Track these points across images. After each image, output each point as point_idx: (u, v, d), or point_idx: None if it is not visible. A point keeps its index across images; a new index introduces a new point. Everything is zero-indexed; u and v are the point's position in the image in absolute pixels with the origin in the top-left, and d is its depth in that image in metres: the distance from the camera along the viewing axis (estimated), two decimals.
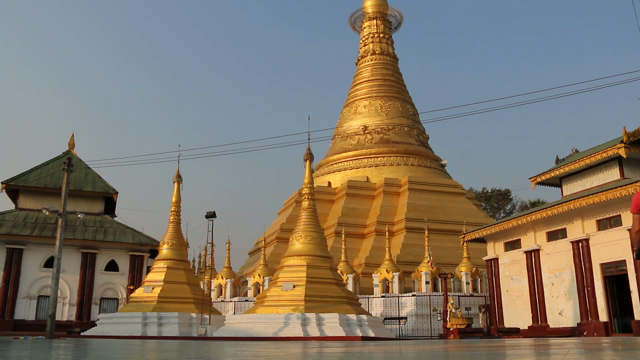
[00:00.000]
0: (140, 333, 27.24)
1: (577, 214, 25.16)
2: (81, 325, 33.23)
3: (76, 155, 38.94)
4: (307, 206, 27.30)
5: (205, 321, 27.89)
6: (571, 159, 27.88)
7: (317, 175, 50.25)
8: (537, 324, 26.89)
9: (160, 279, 30.04)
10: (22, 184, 36.88)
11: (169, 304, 28.99)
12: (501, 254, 29.91)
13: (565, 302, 25.82)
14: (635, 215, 7.14)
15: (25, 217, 36.16)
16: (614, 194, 22.60)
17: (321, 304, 24.62)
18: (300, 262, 25.95)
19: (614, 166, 25.83)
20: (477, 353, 8.66)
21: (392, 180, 46.78)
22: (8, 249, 34.32)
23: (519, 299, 28.35)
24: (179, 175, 32.02)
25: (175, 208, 31.98)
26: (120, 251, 36.62)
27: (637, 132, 24.21)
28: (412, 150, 50.65)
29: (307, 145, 27.33)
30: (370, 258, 40.43)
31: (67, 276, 34.15)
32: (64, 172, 26.45)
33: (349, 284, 33.46)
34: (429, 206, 44.20)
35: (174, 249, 31.17)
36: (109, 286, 36.08)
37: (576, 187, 27.70)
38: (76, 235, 35.40)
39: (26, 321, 33.50)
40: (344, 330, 23.04)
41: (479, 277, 35.19)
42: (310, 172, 27.69)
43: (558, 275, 26.27)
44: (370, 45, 55.83)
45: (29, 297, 34.16)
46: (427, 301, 32.45)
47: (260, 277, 36.83)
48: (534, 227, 27.58)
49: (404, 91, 54.75)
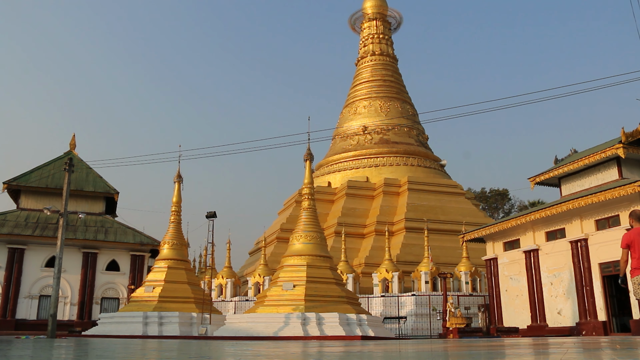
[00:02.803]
0: (141, 332, 27.33)
1: (576, 214, 25.27)
2: (82, 325, 33.33)
3: (77, 155, 39.04)
4: (307, 206, 27.40)
5: (206, 321, 27.98)
6: (570, 159, 27.98)
7: (317, 176, 50.36)
8: (536, 324, 26.99)
9: (161, 279, 30.13)
10: (24, 184, 36.98)
11: (169, 303, 29.08)
12: (500, 253, 30.01)
13: (564, 302, 25.93)
14: (624, 250, 8.65)
15: (26, 217, 36.27)
16: (613, 194, 22.71)
17: (321, 303, 24.72)
18: (301, 261, 26.04)
19: (612, 166, 25.93)
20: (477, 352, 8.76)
21: (391, 181, 46.88)
22: (10, 248, 34.42)
23: (518, 299, 28.45)
24: (179, 175, 32.11)
25: (176, 208, 32.07)
26: (121, 251, 36.72)
27: (635, 133, 24.32)
28: (411, 151, 50.75)
29: (307, 146, 27.44)
30: (370, 258, 40.53)
31: (68, 276, 34.24)
32: (65, 172, 26.54)
33: (348, 284, 33.55)
34: (428, 206, 44.31)
35: (175, 248, 31.26)
36: (110, 286, 36.19)
37: (575, 187, 27.80)
38: (77, 235, 35.51)
39: (27, 321, 33.60)
40: (343, 329, 23.14)
41: (478, 276, 35.29)
42: (310, 172, 27.78)
43: (557, 274, 26.38)
44: (370, 46, 55.93)
45: (31, 297, 34.27)
46: (426, 301, 32.55)
47: (261, 276, 36.93)
48: (533, 227, 27.69)
49: (404, 92, 54.85)
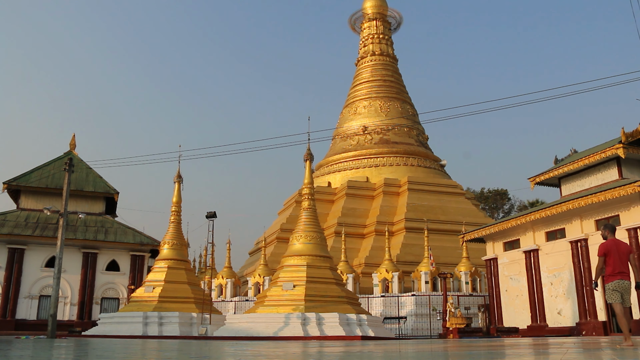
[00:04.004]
0: (141, 333, 27.33)
1: (576, 214, 25.27)
2: (82, 325, 33.33)
3: (77, 155, 39.04)
4: (307, 206, 27.39)
5: (206, 321, 27.98)
6: (570, 159, 27.98)
7: (317, 176, 50.36)
8: (536, 324, 26.99)
9: (161, 279, 30.13)
10: (24, 184, 36.98)
11: (169, 303, 29.08)
12: (500, 253, 30.01)
13: (564, 302, 25.92)
14: (600, 258, 9.82)
15: (26, 217, 36.27)
16: (613, 194, 22.70)
17: (321, 303, 24.72)
18: (301, 262, 26.04)
19: (612, 166, 25.92)
20: (477, 352, 8.76)
21: (391, 181, 46.87)
22: (10, 249, 34.43)
23: (518, 299, 28.45)
24: (179, 175, 32.10)
25: (176, 208, 32.07)
26: (121, 251, 36.73)
27: (635, 133, 24.30)
28: (411, 151, 50.75)
29: (307, 146, 27.44)
30: (370, 258, 40.52)
31: (68, 276, 34.25)
32: (65, 173, 26.53)
33: (348, 284, 33.54)
34: (428, 206, 44.30)
35: (175, 249, 31.26)
36: (110, 286, 36.19)
37: (575, 187, 27.80)
38: (77, 235, 35.51)
39: (27, 321, 33.60)
40: (343, 329, 23.14)
41: (478, 276, 35.28)
42: (310, 173, 27.78)
43: (557, 274, 26.37)
44: (370, 46, 55.92)
45: (31, 297, 34.27)
46: (426, 301, 32.55)
47: (261, 277, 36.93)
48: (533, 227, 27.68)
49: (404, 92, 54.84)
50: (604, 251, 9.74)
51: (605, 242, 9.86)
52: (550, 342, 14.08)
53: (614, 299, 9.55)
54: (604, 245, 9.79)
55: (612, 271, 9.62)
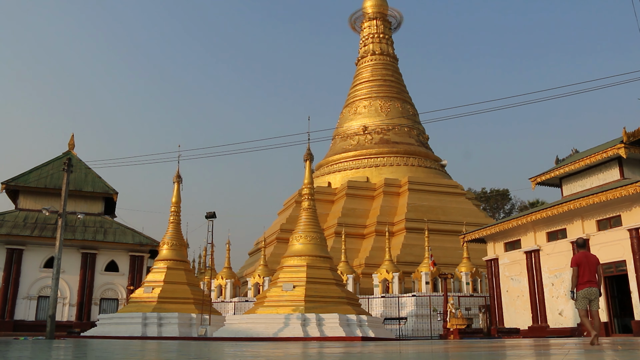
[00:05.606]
0: (140, 333, 27.22)
1: (577, 214, 25.16)
2: (81, 326, 33.21)
3: (76, 155, 38.94)
4: (307, 206, 27.29)
5: (205, 321, 27.88)
6: (571, 159, 27.87)
7: (317, 176, 50.27)
8: (537, 324, 26.88)
9: (160, 280, 30.02)
10: (22, 185, 36.88)
11: (169, 304, 28.97)
12: (501, 254, 29.90)
13: (565, 303, 25.81)
14: (574, 268, 11.18)
15: (25, 217, 36.17)
16: (614, 194, 22.59)
17: (321, 304, 24.62)
18: (300, 262, 25.94)
19: (614, 166, 25.82)
20: (477, 353, 8.66)
21: (392, 181, 46.79)
22: (8, 249, 34.32)
23: (519, 299, 28.34)
24: (179, 175, 32.00)
25: (175, 208, 31.96)
26: (120, 251, 36.62)
27: (637, 133, 24.20)
28: (412, 151, 50.67)
29: (307, 146, 27.34)
30: (370, 258, 40.43)
31: (67, 276, 34.15)
32: (64, 173, 26.43)
33: (349, 284, 33.46)
34: (428, 206, 44.22)
35: (174, 249, 31.15)
36: (109, 286, 36.08)
37: (576, 187, 27.70)
38: (76, 235, 35.40)
39: (26, 321, 33.49)
40: (344, 330, 23.04)
41: (479, 277, 35.19)
42: (310, 173, 27.68)
43: (558, 275, 26.27)
44: (370, 45, 55.85)
45: (29, 298, 34.16)
46: (427, 301, 32.45)
47: (260, 277, 36.84)
48: (534, 228, 27.58)
49: (404, 91, 54.76)
50: (577, 262, 11.18)
51: (577, 255, 11.34)
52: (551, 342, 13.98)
53: (581, 305, 11.12)
54: (576, 258, 11.24)
55: (582, 280, 11.08)
